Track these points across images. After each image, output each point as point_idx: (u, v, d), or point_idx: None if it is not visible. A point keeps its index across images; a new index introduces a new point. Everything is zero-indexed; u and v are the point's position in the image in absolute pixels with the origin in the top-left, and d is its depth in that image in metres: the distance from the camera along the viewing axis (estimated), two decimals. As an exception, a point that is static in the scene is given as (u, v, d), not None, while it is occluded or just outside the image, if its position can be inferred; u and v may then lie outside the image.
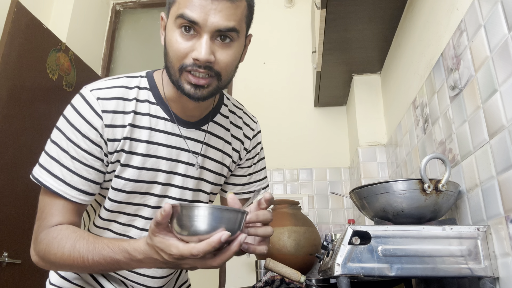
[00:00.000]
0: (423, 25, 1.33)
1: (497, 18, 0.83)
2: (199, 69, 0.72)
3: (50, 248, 0.74)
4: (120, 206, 0.83)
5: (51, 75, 2.22)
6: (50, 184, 0.75)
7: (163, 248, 0.62)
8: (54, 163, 0.76)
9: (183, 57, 0.72)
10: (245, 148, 0.97)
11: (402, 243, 0.82)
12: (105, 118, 0.77)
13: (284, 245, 1.68)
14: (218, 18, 0.70)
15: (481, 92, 0.90)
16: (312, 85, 2.46)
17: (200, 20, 0.70)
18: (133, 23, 3.12)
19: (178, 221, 0.61)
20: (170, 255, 0.62)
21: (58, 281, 0.90)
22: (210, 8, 0.70)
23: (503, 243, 0.79)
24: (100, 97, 0.77)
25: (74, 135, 0.76)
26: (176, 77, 0.74)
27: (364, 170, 1.91)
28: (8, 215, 1.85)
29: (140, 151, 0.81)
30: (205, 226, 0.59)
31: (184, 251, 0.60)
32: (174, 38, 0.72)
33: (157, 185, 0.84)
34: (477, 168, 0.92)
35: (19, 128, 1.97)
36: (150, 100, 0.82)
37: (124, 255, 0.69)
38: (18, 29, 2.00)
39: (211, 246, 0.59)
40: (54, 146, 0.77)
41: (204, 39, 0.70)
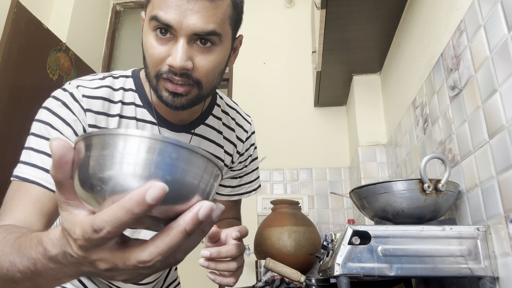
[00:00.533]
0: (423, 25, 1.34)
1: (497, 18, 0.83)
2: (174, 77, 0.64)
3: None
4: None
5: (51, 75, 2.22)
6: (29, 175, 0.63)
7: (68, 229, 0.36)
8: (33, 153, 0.65)
9: (159, 63, 0.65)
10: (238, 151, 0.92)
11: (402, 243, 0.82)
12: (89, 117, 0.70)
13: (284, 245, 1.68)
14: (195, 20, 0.62)
15: (481, 92, 0.90)
16: (312, 85, 2.46)
17: (174, 23, 0.62)
18: (133, 23, 3.12)
19: (82, 172, 0.33)
20: (75, 242, 0.35)
21: None
22: (186, 9, 0.61)
23: (503, 243, 0.79)
24: (86, 95, 0.71)
25: (58, 122, 0.68)
26: (154, 84, 0.67)
27: (364, 170, 1.92)
28: (8, 215, 1.85)
29: None
30: (131, 176, 0.32)
31: (85, 225, 0.34)
32: (149, 41, 0.65)
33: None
34: (477, 168, 0.92)
35: (19, 128, 1.97)
36: (136, 102, 0.76)
37: (38, 250, 0.41)
38: (18, 29, 2.00)
39: (124, 210, 0.31)
40: (34, 138, 0.67)
41: (180, 44, 0.62)
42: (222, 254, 0.61)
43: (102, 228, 0.32)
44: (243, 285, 2.12)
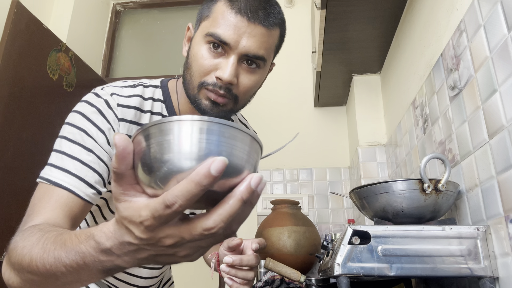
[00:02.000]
0: (423, 25, 1.34)
1: (497, 18, 0.83)
2: (219, 90, 0.69)
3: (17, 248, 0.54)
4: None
5: (52, 75, 2.22)
6: (61, 180, 0.63)
7: (130, 216, 0.38)
8: (65, 158, 0.66)
9: (206, 73, 0.69)
10: None
11: (402, 243, 0.82)
12: (122, 127, 0.72)
13: (284, 245, 1.68)
14: (251, 43, 0.68)
15: (480, 92, 0.90)
16: (312, 85, 2.46)
17: (232, 42, 0.67)
18: (133, 24, 3.12)
19: (144, 160, 0.36)
20: (141, 226, 0.37)
21: None
22: (244, 31, 0.67)
23: (503, 243, 0.79)
24: (120, 104, 0.72)
25: (92, 128, 0.69)
26: (194, 92, 0.71)
27: (364, 170, 1.92)
28: (8, 215, 1.85)
29: None
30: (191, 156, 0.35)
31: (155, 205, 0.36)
32: (200, 52, 0.69)
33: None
34: (476, 168, 0.92)
35: (19, 128, 1.97)
36: (163, 113, 0.79)
37: (90, 244, 0.43)
38: (18, 29, 2.00)
39: (194, 183, 0.34)
40: (66, 141, 0.68)
41: (231, 60, 0.68)
42: (244, 262, 0.65)
43: (175, 203, 0.35)
44: (243, 285, 2.12)
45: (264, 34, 0.69)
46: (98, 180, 0.67)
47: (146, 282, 0.88)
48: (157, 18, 3.08)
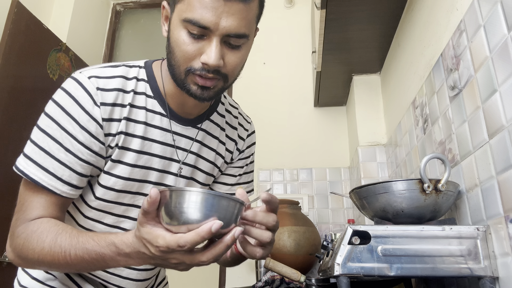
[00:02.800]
0: (423, 25, 1.34)
1: (497, 18, 0.83)
2: (207, 74, 0.68)
3: (28, 243, 0.67)
4: (108, 205, 0.78)
5: (52, 75, 2.22)
6: (39, 178, 0.68)
7: (150, 239, 0.55)
8: (44, 155, 0.69)
9: (191, 59, 0.68)
10: (238, 148, 0.94)
11: (402, 243, 0.82)
12: (103, 111, 0.71)
13: (284, 245, 1.68)
14: (231, 22, 0.65)
15: (480, 92, 0.90)
16: (312, 85, 2.46)
17: (211, 25, 0.64)
18: (133, 23, 3.12)
19: (166, 208, 0.54)
20: (156, 248, 0.55)
21: (29, 283, 0.83)
22: (222, 11, 0.64)
23: (503, 243, 0.79)
24: (99, 87, 0.71)
25: (71, 125, 0.69)
26: (181, 78, 0.70)
27: (364, 170, 1.92)
28: (8, 215, 1.85)
29: (134, 147, 0.76)
30: (196, 214, 0.53)
31: (170, 241, 0.53)
32: (181, 38, 0.67)
33: (148, 185, 0.79)
34: (476, 168, 0.92)
35: (19, 128, 1.97)
36: (147, 93, 0.77)
37: (111, 249, 0.61)
38: (19, 29, 2.00)
39: (200, 236, 0.52)
40: (44, 136, 0.69)
41: (214, 44, 0.66)
42: (257, 218, 0.60)
43: (185, 245, 0.53)
44: (243, 285, 2.12)
45: (243, 10, 0.66)
46: (75, 177, 0.71)
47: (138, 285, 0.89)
48: (157, 18, 3.08)
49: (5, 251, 1.81)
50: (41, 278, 0.83)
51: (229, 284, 2.18)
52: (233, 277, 2.20)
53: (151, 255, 0.57)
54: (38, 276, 0.83)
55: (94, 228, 0.81)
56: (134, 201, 0.80)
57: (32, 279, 0.83)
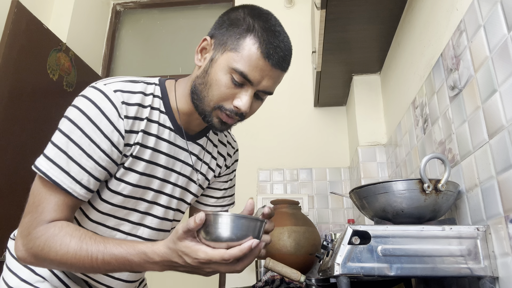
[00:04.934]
0: (423, 25, 1.34)
1: (497, 18, 0.83)
2: (234, 116, 0.79)
3: (50, 245, 0.71)
4: (113, 209, 0.83)
5: (52, 75, 2.22)
6: (61, 181, 0.72)
7: (188, 252, 0.65)
8: (66, 159, 0.73)
9: (225, 100, 0.78)
10: (226, 164, 1.04)
11: (402, 243, 0.82)
12: (126, 123, 0.77)
13: (284, 245, 1.68)
14: (270, 84, 0.78)
15: (480, 92, 0.90)
16: (312, 85, 2.46)
17: (254, 81, 0.76)
18: (133, 24, 3.12)
19: (210, 228, 0.64)
20: (195, 259, 0.65)
21: (18, 284, 0.83)
22: (267, 74, 0.76)
23: (503, 243, 0.79)
24: (124, 101, 0.77)
25: (95, 134, 0.74)
26: (208, 110, 0.79)
27: (364, 170, 1.92)
28: (8, 215, 1.85)
29: (145, 157, 0.82)
30: (236, 234, 0.64)
31: (214, 256, 0.64)
32: (224, 81, 0.76)
33: (150, 192, 0.86)
34: (476, 168, 0.92)
35: (19, 128, 1.97)
36: (161, 109, 0.85)
37: (141, 256, 0.70)
38: (19, 29, 2.00)
39: (242, 252, 0.64)
40: (68, 141, 0.73)
41: (250, 94, 0.77)
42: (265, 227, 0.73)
43: (229, 259, 0.64)
44: (243, 285, 2.12)
45: (280, 76, 0.81)
46: (92, 181, 0.76)
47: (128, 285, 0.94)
48: (157, 18, 3.08)
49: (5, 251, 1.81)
50: (30, 280, 0.84)
51: (229, 284, 2.18)
52: (233, 277, 2.20)
53: (184, 264, 0.67)
54: (27, 278, 0.84)
55: (96, 230, 0.84)
56: (135, 206, 0.85)
57: (21, 280, 0.84)
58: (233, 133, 1.14)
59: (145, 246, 0.70)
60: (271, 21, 0.79)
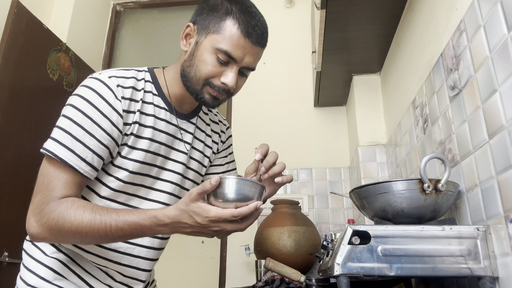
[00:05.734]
0: (423, 25, 1.34)
1: (497, 18, 0.83)
2: (222, 92, 0.88)
3: (65, 216, 0.76)
4: (124, 186, 0.89)
5: (52, 75, 2.22)
6: (67, 159, 0.78)
7: (200, 212, 0.73)
8: (71, 139, 0.79)
9: (213, 77, 0.86)
10: (221, 140, 1.13)
11: (402, 243, 0.82)
12: (124, 104, 0.85)
13: (284, 245, 1.68)
14: (251, 60, 0.87)
15: (480, 92, 0.90)
16: (312, 85, 2.46)
17: (238, 58, 0.85)
18: (133, 24, 3.12)
19: (220, 190, 0.74)
20: (206, 218, 0.73)
21: (37, 282, 0.86)
22: (248, 51, 0.85)
23: (503, 243, 0.79)
24: (119, 85, 0.85)
25: (96, 115, 0.81)
26: (198, 88, 0.88)
27: (364, 170, 1.92)
28: (8, 215, 1.85)
29: (146, 135, 0.89)
30: (243, 195, 0.74)
31: (224, 213, 0.72)
32: (210, 60, 0.85)
33: (155, 168, 0.93)
34: (476, 168, 0.92)
35: (19, 128, 1.97)
36: (153, 92, 0.93)
37: (152, 220, 0.77)
38: (19, 29, 2.01)
39: (249, 210, 0.73)
40: (71, 123, 0.80)
41: (235, 70, 0.86)
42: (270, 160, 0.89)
43: (238, 216, 0.73)
44: (243, 285, 2.12)
45: (260, 52, 0.89)
46: (96, 159, 0.82)
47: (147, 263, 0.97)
48: (157, 18, 3.08)
49: (5, 251, 1.81)
50: (48, 278, 0.86)
51: (229, 284, 2.18)
52: (233, 277, 2.20)
53: (193, 224, 0.75)
54: (46, 276, 0.86)
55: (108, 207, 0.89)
56: (142, 182, 0.92)
57: (40, 278, 0.86)
58: (234, 133, 1.20)
59: (156, 210, 0.78)
60: (246, 3, 0.88)
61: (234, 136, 2.57)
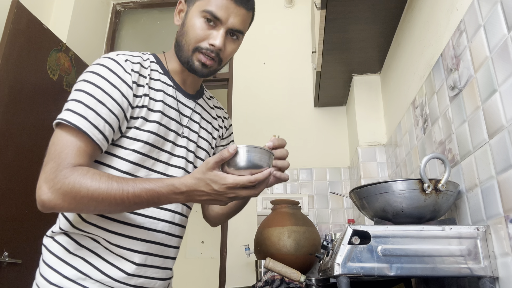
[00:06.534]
0: (423, 25, 1.34)
1: (497, 18, 0.83)
2: (211, 53, 0.92)
3: (81, 182, 0.77)
4: (142, 158, 0.91)
5: (52, 75, 2.22)
6: (81, 125, 0.80)
7: (217, 180, 0.77)
8: (84, 108, 0.82)
9: (201, 40, 0.91)
10: (225, 126, 1.18)
11: (402, 243, 0.82)
12: (133, 76, 0.89)
13: (284, 245, 1.68)
14: (236, 20, 0.92)
15: (480, 92, 0.90)
16: (312, 85, 2.46)
17: (223, 18, 0.91)
18: (133, 24, 3.12)
19: (236, 158, 0.77)
20: (223, 185, 0.76)
21: (60, 281, 0.84)
22: (232, 11, 0.91)
23: (503, 243, 0.79)
24: (127, 60, 0.90)
25: (107, 86, 0.85)
26: (188, 54, 0.93)
27: (364, 170, 1.92)
28: (8, 215, 1.85)
29: (158, 109, 0.93)
30: (259, 162, 0.78)
31: (242, 180, 0.76)
32: (197, 24, 0.91)
33: (168, 143, 0.96)
34: (476, 168, 0.92)
35: (19, 128, 1.97)
36: (159, 70, 0.98)
37: (169, 188, 0.79)
38: (19, 29, 2.01)
39: (264, 176, 0.77)
40: (84, 94, 0.83)
41: (222, 32, 0.91)
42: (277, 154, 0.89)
43: (255, 182, 0.77)
44: (243, 285, 2.12)
45: (245, 14, 0.94)
46: (108, 129, 0.84)
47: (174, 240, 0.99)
48: (157, 18, 3.08)
49: (5, 251, 1.81)
50: (72, 277, 0.84)
51: (229, 284, 2.18)
52: (233, 277, 2.20)
53: (210, 191, 0.78)
54: (70, 275, 0.85)
55: None
56: (158, 156, 0.94)
57: (63, 277, 0.84)
58: (234, 133, 1.24)
59: (173, 179, 0.80)
60: None
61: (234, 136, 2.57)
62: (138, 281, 0.91)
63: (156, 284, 0.95)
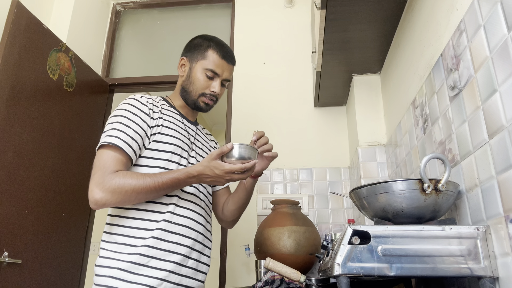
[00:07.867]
0: (423, 25, 1.34)
1: (497, 18, 0.83)
2: (212, 97, 1.31)
3: (125, 179, 1.07)
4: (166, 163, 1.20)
5: (52, 75, 2.22)
6: (116, 141, 1.11)
7: (218, 166, 1.07)
8: (115, 131, 1.13)
9: (205, 88, 1.30)
10: (216, 147, 1.48)
11: (402, 243, 0.82)
12: (149, 106, 1.22)
13: (284, 245, 1.68)
14: (227, 74, 1.33)
15: (480, 92, 0.90)
16: (312, 85, 2.46)
17: (219, 73, 1.30)
18: (133, 24, 3.12)
19: (232, 152, 1.07)
20: (222, 170, 1.06)
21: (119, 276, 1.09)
22: (225, 68, 1.31)
23: (503, 243, 0.79)
24: (143, 96, 1.25)
25: (131, 114, 1.18)
26: (195, 98, 1.31)
27: (364, 170, 1.92)
28: (8, 215, 1.85)
29: (171, 127, 1.25)
30: (248, 156, 1.08)
31: (235, 167, 1.06)
32: (201, 77, 1.30)
33: (182, 159, 1.24)
34: (476, 168, 0.92)
35: (19, 128, 1.97)
36: (167, 105, 1.33)
37: (185, 174, 1.11)
38: (19, 29, 2.00)
39: (251, 165, 1.07)
40: (115, 123, 1.15)
41: (218, 83, 1.31)
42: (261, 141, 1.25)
43: (244, 169, 1.08)
44: (243, 285, 2.12)
45: (232, 68, 1.35)
46: (135, 144, 1.15)
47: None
48: (157, 18, 3.08)
49: (5, 251, 1.81)
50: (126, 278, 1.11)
51: (229, 284, 2.18)
52: (233, 277, 2.20)
53: (213, 175, 1.08)
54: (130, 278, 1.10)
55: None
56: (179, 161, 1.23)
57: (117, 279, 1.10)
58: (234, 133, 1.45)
59: (187, 167, 1.13)
60: (217, 39, 1.34)
61: (234, 136, 2.57)
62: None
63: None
